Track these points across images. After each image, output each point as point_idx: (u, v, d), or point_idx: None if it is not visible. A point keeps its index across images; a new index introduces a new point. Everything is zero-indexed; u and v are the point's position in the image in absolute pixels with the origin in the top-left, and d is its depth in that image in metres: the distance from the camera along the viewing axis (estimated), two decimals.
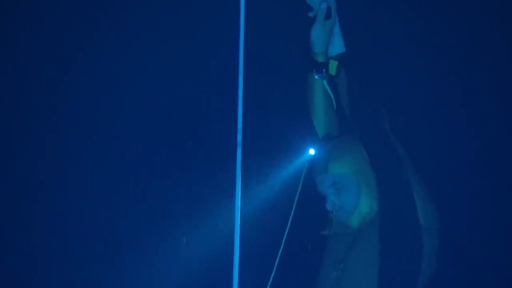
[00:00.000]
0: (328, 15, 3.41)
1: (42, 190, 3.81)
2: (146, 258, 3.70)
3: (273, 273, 3.29)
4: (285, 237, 3.32)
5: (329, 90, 3.46)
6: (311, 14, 3.43)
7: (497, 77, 3.30)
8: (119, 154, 3.79)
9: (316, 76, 3.44)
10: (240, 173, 3.09)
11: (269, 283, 3.30)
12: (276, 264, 3.30)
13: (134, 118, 3.80)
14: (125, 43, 3.80)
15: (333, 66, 3.43)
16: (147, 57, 3.79)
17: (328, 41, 3.43)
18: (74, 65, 3.83)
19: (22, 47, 3.85)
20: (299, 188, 3.38)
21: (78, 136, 3.84)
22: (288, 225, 3.31)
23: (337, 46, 3.48)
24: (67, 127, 3.83)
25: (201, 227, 3.64)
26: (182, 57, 3.78)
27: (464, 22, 3.39)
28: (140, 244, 3.72)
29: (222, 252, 3.23)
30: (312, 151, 3.41)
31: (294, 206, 3.35)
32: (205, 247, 3.63)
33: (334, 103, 3.47)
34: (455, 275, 3.14)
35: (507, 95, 3.27)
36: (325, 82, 3.45)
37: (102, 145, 3.81)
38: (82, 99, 3.82)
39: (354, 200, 3.33)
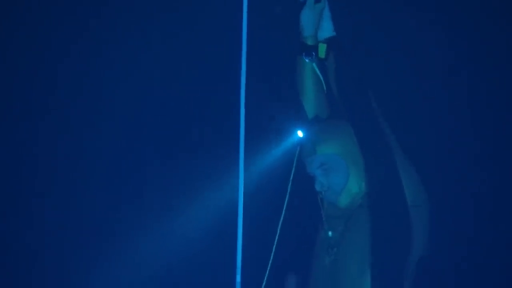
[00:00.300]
0: None
1: (45, 188, 3.83)
2: (150, 228, 3.71)
3: (269, 265, 3.32)
4: (281, 221, 3.36)
5: (318, 73, 3.50)
6: None
7: (483, 59, 3.33)
8: (121, 130, 3.81)
9: (305, 59, 3.48)
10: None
11: (266, 277, 3.33)
12: (273, 253, 3.33)
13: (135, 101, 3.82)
14: (128, 42, 3.84)
15: (322, 49, 3.47)
16: (149, 55, 3.82)
17: (318, 24, 3.47)
18: (75, 65, 3.86)
19: (22, 47, 3.89)
20: (293, 170, 3.42)
21: (79, 134, 3.85)
22: (284, 210, 3.35)
23: (327, 29, 3.51)
24: (71, 126, 3.87)
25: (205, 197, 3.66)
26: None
27: (454, 8, 3.42)
28: (144, 215, 3.73)
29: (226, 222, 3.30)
30: (300, 133, 3.45)
31: (288, 190, 3.39)
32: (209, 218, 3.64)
33: (324, 85, 3.51)
34: (445, 253, 3.16)
35: (491, 73, 3.30)
36: (314, 65, 3.49)
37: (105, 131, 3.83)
38: (84, 98, 3.84)
39: (342, 181, 3.36)
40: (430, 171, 3.26)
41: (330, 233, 3.38)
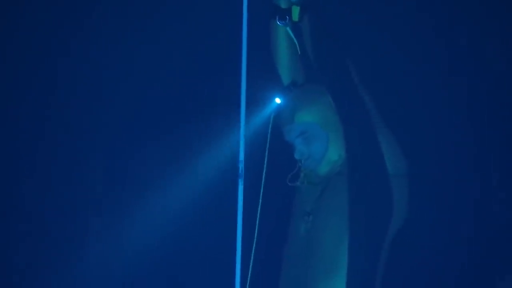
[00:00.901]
0: None
1: (49, 188, 3.77)
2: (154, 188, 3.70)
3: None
4: (261, 192, 3.33)
5: (293, 37, 3.40)
6: None
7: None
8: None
9: (279, 23, 3.37)
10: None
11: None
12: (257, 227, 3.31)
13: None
14: (128, 42, 3.75)
15: (295, 11, 3.36)
16: (150, 54, 3.74)
17: None
18: (75, 65, 3.77)
19: (21, 47, 3.78)
20: (268, 138, 3.36)
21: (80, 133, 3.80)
22: (263, 180, 3.31)
23: None
24: (74, 125, 3.80)
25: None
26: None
27: None
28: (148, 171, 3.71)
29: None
30: (278, 100, 3.37)
31: (265, 159, 3.34)
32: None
33: (298, 49, 3.41)
34: (424, 222, 3.14)
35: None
36: (288, 29, 3.38)
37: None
38: (85, 99, 3.77)
39: (322, 149, 3.31)
40: (411, 141, 3.20)
41: (306, 200, 3.35)
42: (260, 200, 3.34)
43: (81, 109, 3.75)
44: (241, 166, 3.26)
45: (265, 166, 3.36)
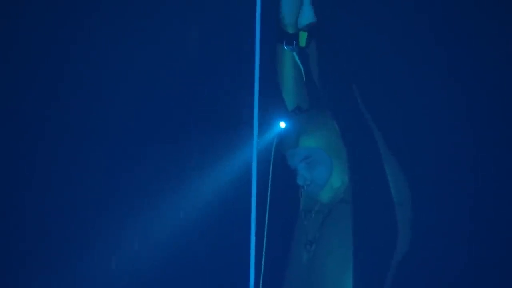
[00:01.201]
0: None
1: (48, 188, 3.73)
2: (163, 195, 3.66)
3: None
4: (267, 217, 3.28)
5: (299, 63, 3.39)
6: None
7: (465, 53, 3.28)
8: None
9: (286, 48, 3.36)
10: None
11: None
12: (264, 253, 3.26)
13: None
14: (136, 42, 3.75)
15: (303, 37, 3.35)
16: (165, 72, 3.74)
17: (298, 11, 3.34)
18: (85, 65, 3.76)
19: (21, 47, 3.76)
20: (271, 163, 3.32)
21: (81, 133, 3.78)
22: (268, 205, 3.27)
23: (307, 16, 3.38)
24: (79, 125, 3.77)
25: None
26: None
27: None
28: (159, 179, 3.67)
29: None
30: (282, 124, 3.34)
31: (269, 184, 3.29)
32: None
33: (304, 75, 3.40)
34: (429, 251, 3.11)
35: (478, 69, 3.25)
36: (295, 54, 3.37)
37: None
38: (88, 99, 3.76)
39: (325, 174, 3.27)
40: (416, 168, 3.19)
41: (309, 228, 3.31)
42: (266, 230, 3.27)
43: (83, 114, 3.72)
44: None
45: (268, 193, 3.31)
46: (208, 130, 3.67)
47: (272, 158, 3.34)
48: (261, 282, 3.18)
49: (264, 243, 3.21)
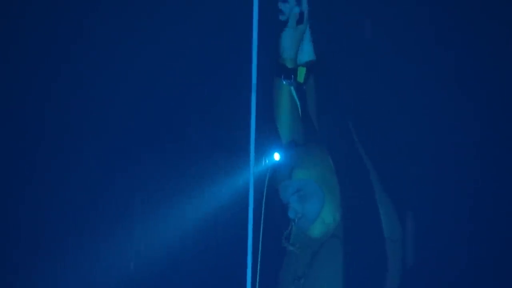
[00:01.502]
0: (300, 20, 3.36)
1: (50, 189, 3.69)
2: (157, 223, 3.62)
3: None
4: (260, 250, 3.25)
5: (295, 98, 3.41)
6: (282, 18, 3.38)
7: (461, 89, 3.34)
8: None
9: (284, 82, 3.38)
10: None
11: None
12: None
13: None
14: (136, 43, 3.75)
15: (301, 73, 3.38)
16: (157, 55, 3.73)
17: (298, 47, 3.38)
18: (83, 65, 3.75)
19: (21, 47, 3.74)
20: (264, 195, 3.31)
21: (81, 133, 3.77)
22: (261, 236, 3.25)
23: (307, 53, 3.42)
24: (80, 125, 3.76)
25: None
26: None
27: (434, 33, 3.40)
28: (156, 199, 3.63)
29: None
30: (277, 156, 3.34)
31: (262, 217, 3.28)
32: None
33: (300, 111, 3.42)
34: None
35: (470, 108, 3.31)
36: (292, 88, 3.40)
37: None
38: (89, 99, 3.75)
39: (317, 209, 3.27)
40: (409, 206, 3.21)
41: (298, 262, 3.29)
42: (259, 265, 3.25)
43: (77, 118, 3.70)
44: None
45: (261, 227, 3.29)
46: (203, 159, 3.66)
47: (265, 191, 3.33)
48: None
49: (257, 278, 3.18)
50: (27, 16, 3.71)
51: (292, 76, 3.37)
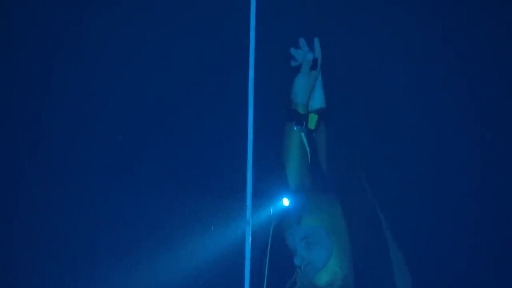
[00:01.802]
0: (313, 66, 3.34)
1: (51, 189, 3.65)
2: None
3: None
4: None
5: (306, 144, 3.37)
6: (294, 64, 3.37)
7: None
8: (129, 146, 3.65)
9: (295, 128, 3.35)
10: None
11: None
12: None
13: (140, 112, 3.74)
14: (134, 43, 3.74)
15: (313, 120, 3.36)
16: (155, 56, 3.69)
17: (311, 93, 3.36)
18: (81, 66, 3.73)
19: (21, 47, 3.69)
20: (269, 242, 3.23)
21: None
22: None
23: (318, 100, 3.41)
24: (79, 125, 3.73)
25: None
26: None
27: (440, 67, 3.42)
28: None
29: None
30: (286, 202, 3.28)
31: (266, 264, 3.19)
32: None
33: (309, 158, 3.37)
34: None
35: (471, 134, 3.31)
36: (303, 135, 3.36)
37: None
38: (89, 99, 3.72)
39: (324, 257, 3.19)
40: (420, 259, 3.16)
41: None
42: None
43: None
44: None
45: (265, 275, 3.20)
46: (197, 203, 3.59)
47: (270, 240, 3.26)
48: None
49: None
50: (26, 16, 3.70)
51: (304, 122, 3.34)
